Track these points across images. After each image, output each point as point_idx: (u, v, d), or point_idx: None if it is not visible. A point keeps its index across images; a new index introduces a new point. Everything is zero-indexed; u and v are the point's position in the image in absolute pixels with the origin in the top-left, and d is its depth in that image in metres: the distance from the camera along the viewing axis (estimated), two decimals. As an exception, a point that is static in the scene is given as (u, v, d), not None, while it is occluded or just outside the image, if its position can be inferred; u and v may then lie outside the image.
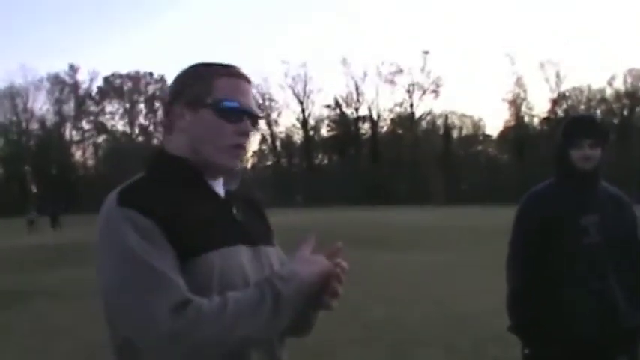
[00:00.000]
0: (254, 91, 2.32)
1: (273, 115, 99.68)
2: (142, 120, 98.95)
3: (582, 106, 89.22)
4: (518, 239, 4.19)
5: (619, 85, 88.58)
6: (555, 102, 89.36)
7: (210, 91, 2.15)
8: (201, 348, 1.85)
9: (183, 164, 2.17)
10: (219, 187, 2.25)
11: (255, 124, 2.25)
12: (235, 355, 1.98)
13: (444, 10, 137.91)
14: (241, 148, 2.21)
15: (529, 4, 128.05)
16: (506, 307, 4.22)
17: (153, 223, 1.95)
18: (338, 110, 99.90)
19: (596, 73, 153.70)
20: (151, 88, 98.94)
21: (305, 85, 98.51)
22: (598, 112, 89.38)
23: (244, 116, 2.19)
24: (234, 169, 2.23)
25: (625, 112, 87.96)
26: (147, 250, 1.91)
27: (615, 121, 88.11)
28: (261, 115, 2.28)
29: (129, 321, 1.91)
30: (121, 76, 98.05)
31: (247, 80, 2.24)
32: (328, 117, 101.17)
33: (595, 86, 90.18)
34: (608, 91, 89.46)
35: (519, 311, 4.15)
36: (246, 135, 2.20)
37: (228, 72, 2.20)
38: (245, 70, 2.24)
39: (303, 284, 2.00)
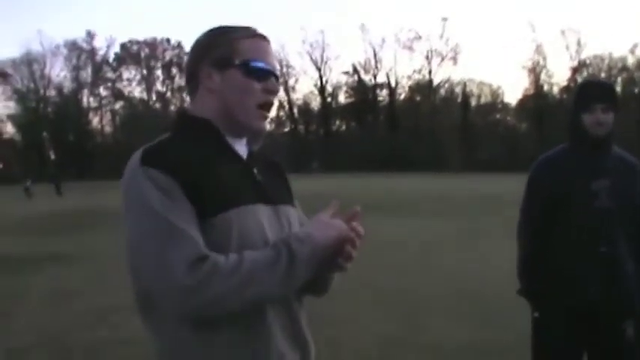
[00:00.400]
0: (272, 54, 2.35)
1: (291, 82, 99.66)
2: (159, 87, 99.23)
3: (603, 74, 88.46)
4: (529, 205, 4.22)
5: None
6: (576, 70, 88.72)
7: (236, 52, 2.22)
8: (214, 303, 1.91)
9: (206, 125, 2.22)
10: (241, 148, 2.30)
11: (278, 82, 2.32)
12: (252, 314, 2.06)
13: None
14: (268, 106, 2.28)
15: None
16: (517, 271, 4.26)
17: (173, 181, 2.01)
18: (356, 77, 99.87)
19: (617, 41, 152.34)
20: (168, 55, 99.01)
21: (323, 52, 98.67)
22: (619, 80, 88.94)
23: (270, 75, 2.26)
24: (262, 131, 2.30)
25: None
26: (167, 207, 1.98)
27: (637, 90, 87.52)
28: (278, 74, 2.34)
29: (148, 273, 1.98)
30: (138, 42, 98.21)
31: (268, 41, 2.31)
32: (346, 84, 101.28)
33: (616, 54, 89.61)
34: (630, 60, 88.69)
35: (529, 276, 4.18)
36: (273, 92, 2.28)
37: (250, 33, 2.28)
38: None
39: (318, 247, 2.06)
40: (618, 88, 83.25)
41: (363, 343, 7.77)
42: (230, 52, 2.21)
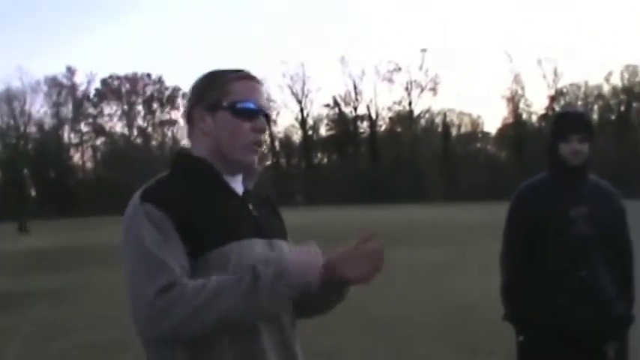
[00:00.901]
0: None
1: (272, 115, 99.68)
2: (140, 122, 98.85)
3: (580, 102, 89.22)
4: (511, 231, 4.37)
5: (616, 81, 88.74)
6: (553, 98, 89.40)
7: (225, 95, 2.33)
8: (180, 325, 2.02)
9: (202, 163, 2.34)
10: (237, 185, 2.41)
11: (268, 122, 2.44)
12: (247, 339, 2.18)
13: (441, 8, 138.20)
14: (258, 143, 2.39)
15: (527, 1, 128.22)
16: (501, 296, 4.39)
17: (166, 216, 2.14)
18: (336, 109, 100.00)
19: (593, 69, 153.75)
20: (149, 90, 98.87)
21: (303, 85, 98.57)
22: (595, 107, 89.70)
23: (259, 114, 2.37)
24: (253, 165, 2.41)
25: (622, 108, 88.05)
26: (155, 240, 2.12)
27: (613, 117, 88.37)
28: (270, 113, 2.47)
29: (130, 296, 2.12)
30: (118, 77, 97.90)
31: (258, 82, 2.44)
32: (327, 116, 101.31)
33: (592, 82, 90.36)
34: (606, 88, 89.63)
35: (512, 300, 4.32)
36: (262, 131, 2.38)
37: (240, 76, 2.40)
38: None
39: (284, 270, 2.08)
40: (595, 116, 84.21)
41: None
42: (220, 95, 2.33)
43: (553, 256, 4.15)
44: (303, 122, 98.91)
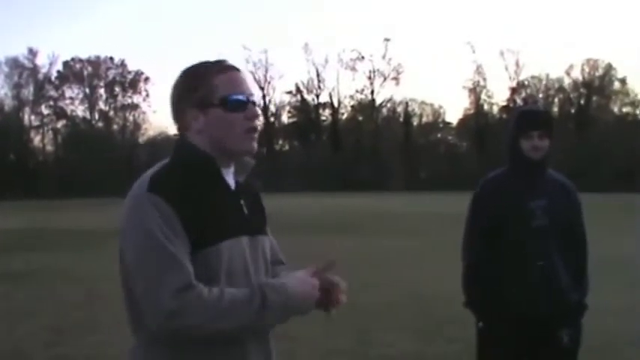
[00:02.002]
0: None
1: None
2: (102, 105, 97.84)
3: (541, 95, 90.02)
4: (473, 221, 4.56)
5: (577, 74, 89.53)
6: (514, 90, 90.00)
7: (213, 91, 2.40)
8: (191, 329, 2.18)
9: (205, 157, 2.42)
10: (230, 178, 2.51)
11: (257, 105, 2.50)
12: (233, 342, 2.33)
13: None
14: (253, 129, 2.47)
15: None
16: (461, 284, 4.58)
17: (174, 211, 2.24)
18: (299, 97, 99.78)
19: (554, 62, 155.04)
20: (111, 73, 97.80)
21: (266, 72, 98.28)
22: (556, 100, 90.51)
23: (249, 103, 2.45)
24: (254, 151, 2.50)
25: (582, 102, 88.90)
26: (166, 234, 2.21)
27: (573, 110, 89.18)
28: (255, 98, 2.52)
29: (141, 293, 2.23)
30: (81, 60, 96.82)
31: (239, 70, 2.51)
32: (289, 103, 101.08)
33: (553, 75, 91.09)
34: (566, 81, 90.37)
35: (472, 288, 4.51)
36: (255, 117, 2.46)
37: (221, 68, 2.47)
38: (206, 56, 2.52)
39: (290, 299, 2.31)
40: (555, 109, 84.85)
41: (314, 356, 8.05)
42: (208, 92, 2.39)
43: (512, 246, 4.34)
44: (265, 109, 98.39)
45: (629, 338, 8.43)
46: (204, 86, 2.41)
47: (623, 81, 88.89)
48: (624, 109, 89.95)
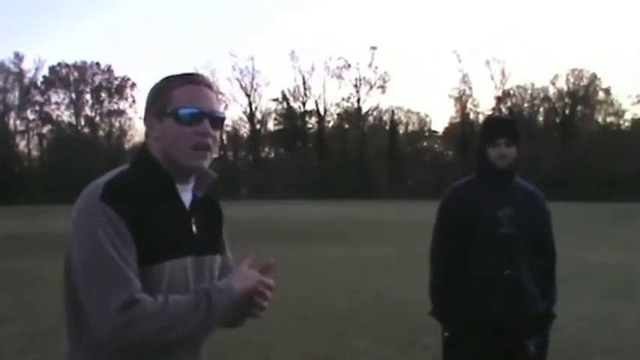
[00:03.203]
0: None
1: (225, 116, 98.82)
2: (87, 111, 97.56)
3: (526, 104, 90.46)
4: (439, 229, 4.55)
5: (562, 84, 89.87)
6: (500, 99, 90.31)
7: (169, 102, 2.39)
8: (138, 340, 2.19)
9: (161, 171, 2.40)
10: (186, 195, 2.49)
11: (216, 124, 2.45)
12: (162, 349, 2.32)
13: (392, 6, 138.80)
14: (202, 147, 2.41)
15: (476, 2, 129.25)
16: (428, 292, 4.56)
17: (125, 224, 2.23)
18: (285, 104, 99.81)
19: (540, 72, 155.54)
20: (97, 79, 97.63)
21: (252, 79, 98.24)
22: (541, 110, 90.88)
23: (204, 118, 2.39)
24: (200, 169, 2.46)
25: (567, 112, 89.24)
26: (115, 246, 2.20)
27: (557, 119, 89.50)
28: (222, 115, 2.50)
29: (87, 303, 2.22)
30: (67, 65, 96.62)
31: (206, 85, 2.47)
32: (275, 111, 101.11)
33: (539, 85, 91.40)
34: (552, 90, 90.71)
35: (438, 296, 4.49)
36: (204, 135, 2.40)
37: (186, 81, 2.44)
38: (193, 62, 2.51)
39: (235, 296, 2.33)
40: (540, 118, 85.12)
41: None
42: (165, 102, 2.39)
43: (479, 254, 4.33)
44: (251, 116, 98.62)
45: (603, 346, 8.44)
46: (165, 97, 2.41)
47: (607, 91, 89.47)
48: (608, 119, 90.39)
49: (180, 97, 2.39)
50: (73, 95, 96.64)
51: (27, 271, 16.36)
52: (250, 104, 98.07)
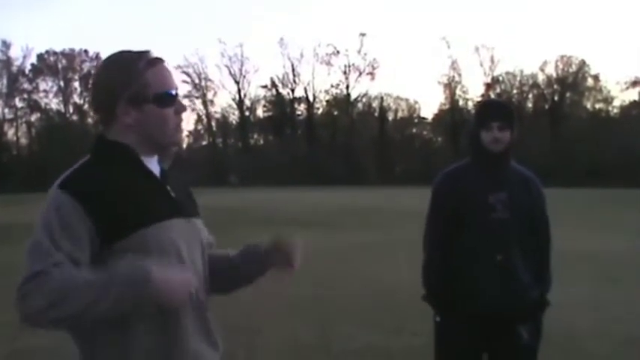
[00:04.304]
0: (190, 70, 2.58)
1: (209, 95, 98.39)
2: (76, 99, 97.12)
3: (515, 91, 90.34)
4: (433, 216, 4.52)
5: (551, 70, 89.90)
6: (489, 86, 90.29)
7: (145, 87, 2.39)
8: (36, 313, 2.13)
9: (121, 147, 2.41)
10: (154, 166, 2.50)
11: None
12: (167, 323, 2.31)
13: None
14: (181, 121, 2.52)
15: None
16: (421, 277, 4.54)
17: (79, 206, 2.23)
18: (274, 91, 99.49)
19: (529, 58, 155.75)
20: (86, 67, 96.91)
21: (241, 66, 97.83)
22: (530, 96, 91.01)
23: (177, 97, 2.49)
24: (180, 141, 2.59)
25: (556, 98, 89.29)
26: (53, 229, 2.21)
27: (546, 106, 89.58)
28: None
29: None
30: (55, 53, 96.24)
31: (164, 61, 2.50)
32: (264, 97, 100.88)
33: (527, 71, 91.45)
34: (540, 77, 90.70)
35: (431, 281, 4.47)
36: (183, 111, 2.52)
37: (151, 61, 2.44)
38: (182, 49, 2.52)
39: (142, 294, 2.13)
40: (529, 105, 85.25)
41: (278, 349, 8.02)
42: (141, 88, 2.39)
43: (472, 239, 4.30)
44: (240, 103, 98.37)
45: (592, 331, 8.47)
46: (137, 82, 2.40)
47: (596, 77, 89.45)
48: (597, 106, 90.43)
49: (155, 80, 2.43)
50: (62, 83, 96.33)
51: (11, 260, 16.24)
52: (239, 91, 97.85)
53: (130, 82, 2.39)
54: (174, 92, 2.46)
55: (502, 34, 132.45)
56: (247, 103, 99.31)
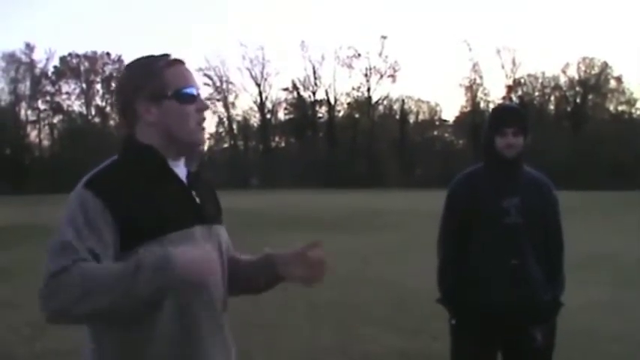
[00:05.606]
0: (211, 73, 2.62)
1: (231, 98, 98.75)
2: (98, 101, 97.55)
3: (537, 93, 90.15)
4: (447, 219, 4.57)
5: (572, 73, 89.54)
6: (511, 88, 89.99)
7: (166, 84, 2.45)
8: (66, 308, 2.12)
9: (150, 150, 2.45)
10: (181, 170, 2.54)
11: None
12: (184, 320, 2.34)
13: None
14: (203, 121, 2.54)
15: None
16: (436, 280, 4.59)
17: (103, 204, 2.27)
18: (295, 93, 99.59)
19: (550, 60, 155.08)
20: (108, 69, 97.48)
21: (263, 68, 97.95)
22: (552, 99, 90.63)
23: (198, 95, 2.52)
24: (203, 142, 2.59)
25: (578, 100, 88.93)
26: (78, 226, 2.24)
27: (569, 108, 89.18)
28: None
29: None
30: (77, 55, 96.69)
31: (184, 62, 2.55)
32: (285, 100, 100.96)
33: (549, 74, 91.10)
34: (562, 79, 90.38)
35: (446, 284, 4.51)
36: (205, 109, 2.55)
37: (169, 62, 2.51)
38: (203, 52, 2.56)
39: (167, 262, 2.11)
40: (551, 107, 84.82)
41: (295, 348, 8.07)
42: (161, 85, 2.44)
43: (486, 243, 4.33)
44: (261, 105, 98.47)
45: (613, 334, 8.44)
46: (158, 80, 2.45)
47: (618, 79, 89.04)
48: (620, 108, 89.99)
49: (176, 77, 2.48)
50: (84, 85, 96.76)
51: (33, 260, 16.34)
52: (260, 94, 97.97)
53: (149, 80, 2.45)
54: (194, 90, 2.50)
55: (524, 37, 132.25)
56: (268, 105, 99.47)
